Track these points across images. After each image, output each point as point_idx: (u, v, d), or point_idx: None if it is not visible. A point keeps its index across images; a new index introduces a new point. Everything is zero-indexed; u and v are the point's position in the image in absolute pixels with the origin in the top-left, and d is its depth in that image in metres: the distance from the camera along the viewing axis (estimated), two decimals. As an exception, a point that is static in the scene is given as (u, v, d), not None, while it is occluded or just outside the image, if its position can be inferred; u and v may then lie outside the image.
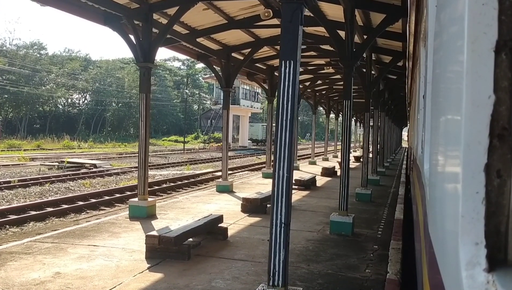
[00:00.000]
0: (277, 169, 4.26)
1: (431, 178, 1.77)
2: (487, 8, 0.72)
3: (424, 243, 1.93)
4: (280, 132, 4.27)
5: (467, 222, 0.76)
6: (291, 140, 4.25)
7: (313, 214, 10.45)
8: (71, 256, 6.42)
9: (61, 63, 69.74)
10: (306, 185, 14.69)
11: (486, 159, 0.73)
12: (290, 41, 4.22)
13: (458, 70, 0.83)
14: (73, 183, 16.41)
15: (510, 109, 0.72)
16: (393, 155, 36.12)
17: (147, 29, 9.42)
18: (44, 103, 67.30)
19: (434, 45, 1.72)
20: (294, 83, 4.23)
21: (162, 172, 21.82)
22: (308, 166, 24.92)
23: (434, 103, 1.67)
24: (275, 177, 4.28)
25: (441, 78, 1.29)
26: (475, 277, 0.73)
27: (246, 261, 6.47)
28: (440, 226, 1.17)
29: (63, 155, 29.44)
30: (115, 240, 7.39)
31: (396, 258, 6.83)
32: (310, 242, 7.75)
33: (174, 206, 10.91)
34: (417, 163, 3.89)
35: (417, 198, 3.35)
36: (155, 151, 39.45)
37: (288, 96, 4.24)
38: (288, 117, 4.26)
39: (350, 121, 8.64)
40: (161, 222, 8.94)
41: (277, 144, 4.27)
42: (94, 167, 21.27)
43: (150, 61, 9.39)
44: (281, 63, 4.24)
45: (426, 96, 2.52)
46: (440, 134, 1.24)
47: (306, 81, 21.90)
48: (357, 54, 8.67)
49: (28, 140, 45.59)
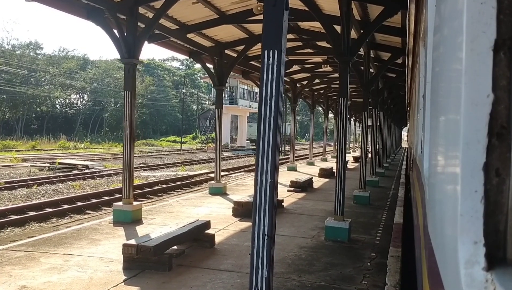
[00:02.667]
0: (259, 173, 3.75)
1: (431, 177, 1.78)
2: (486, 7, 0.72)
3: (424, 248, 1.89)
4: (263, 131, 3.75)
5: (466, 220, 0.76)
6: (276, 140, 3.74)
7: (308, 218, 9.93)
8: (42, 267, 5.91)
9: (57, 63, 69.15)
10: (303, 187, 14.18)
11: (485, 158, 0.73)
12: (274, 27, 3.70)
13: (457, 69, 0.82)
14: (62, 185, 15.88)
15: (508, 108, 0.72)
16: (393, 156, 35.65)
17: (132, 23, 8.91)
18: (42, 104, 66.76)
19: (433, 44, 1.72)
20: (279, 76, 3.72)
21: (156, 173, 21.30)
22: (306, 167, 24.42)
23: (433, 102, 1.67)
24: (257, 183, 3.77)
25: (440, 77, 1.30)
26: (474, 275, 0.73)
27: (233, 271, 5.95)
28: (439, 225, 1.17)
29: (57, 156, 28.91)
30: (93, 248, 6.88)
31: (395, 268, 6.32)
32: (303, 249, 7.24)
33: (163, 210, 10.39)
34: (417, 163, 3.88)
35: (417, 200, 3.31)
36: (152, 152, 38.94)
37: (272, 91, 3.73)
38: (272, 114, 3.74)
39: (347, 120, 8.13)
40: (146, 227, 8.43)
41: (259, 145, 3.76)
42: (86, 168, 20.74)
43: (135, 57, 8.88)
44: (264, 53, 3.72)
45: (426, 95, 2.51)
46: (439, 133, 1.25)
47: (303, 80, 21.39)
48: (353, 49, 8.16)
49: (24, 141, 45.06)
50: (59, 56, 74.22)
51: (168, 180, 17.14)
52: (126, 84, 8.92)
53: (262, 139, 3.80)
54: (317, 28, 11.76)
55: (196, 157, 33.74)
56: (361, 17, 9.96)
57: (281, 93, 3.82)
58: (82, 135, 61.39)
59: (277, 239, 7.87)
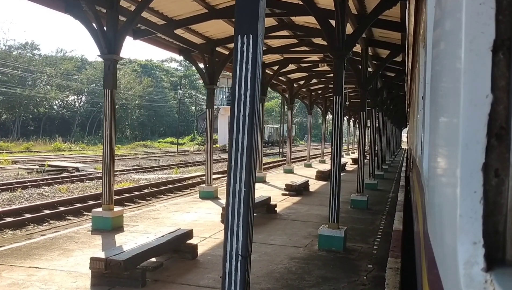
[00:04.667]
0: (231, 182, 3.16)
1: (430, 178, 1.78)
2: (485, 8, 0.72)
3: (424, 252, 1.85)
4: (236, 132, 3.17)
5: (465, 221, 0.76)
6: (251, 142, 3.15)
7: (302, 224, 9.33)
8: (2, 283, 5.31)
9: (54, 64, 68.55)
10: (298, 190, 13.58)
11: (484, 159, 0.74)
12: (249, 8, 3.12)
13: (456, 70, 0.83)
14: (48, 188, 15.25)
15: (507, 108, 0.73)
16: (392, 157, 35.05)
17: (113, 17, 8.33)
18: (39, 105, 66.13)
19: (433, 45, 1.72)
20: (255, 65, 3.13)
21: (148, 175, 20.69)
22: (303, 169, 23.83)
23: (433, 103, 1.69)
24: (229, 193, 3.18)
25: (439, 77, 1.30)
26: (473, 276, 0.73)
27: (214, 288, 5.35)
28: (439, 226, 1.17)
29: (50, 158, 28.28)
30: (63, 260, 6.28)
31: (393, 282, 5.72)
32: (294, 261, 6.64)
33: (148, 215, 9.79)
34: (417, 164, 3.89)
35: (417, 203, 3.25)
36: (147, 154, 38.32)
37: (247, 84, 3.14)
38: (247, 111, 3.16)
39: (342, 120, 7.54)
40: (126, 236, 7.83)
41: (231, 148, 3.17)
42: (77, 171, 20.12)
43: (116, 53, 8.29)
44: (237, 39, 3.13)
45: (426, 96, 2.49)
46: (439, 133, 1.26)
47: (300, 80, 20.82)
48: (349, 43, 7.58)
49: (19, 142, 44.40)
50: (57, 57, 73.57)
51: (159, 183, 16.51)
52: (106, 81, 8.32)
53: (235, 141, 3.21)
54: (313, 24, 11.19)
55: (192, 159, 33.12)
56: (358, 10, 9.38)
57: (257, 86, 3.22)
58: (79, 137, 60.72)
59: (266, 249, 7.29)
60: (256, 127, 3.22)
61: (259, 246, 7.33)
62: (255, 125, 3.21)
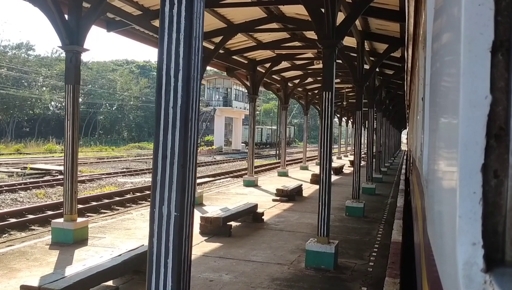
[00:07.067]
0: (157, 203, 2.22)
1: (430, 179, 1.79)
2: (483, 9, 0.72)
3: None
4: (164, 132, 2.24)
5: (464, 222, 0.75)
6: (186, 147, 2.21)
7: (290, 236, 8.39)
8: None
9: (50, 64, 67.64)
10: (290, 195, 12.65)
11: (483, 159, 0.73)
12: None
13: (455, 71, 0.83)
14: (24, 193, 14.29)
15: (507, 109, 0.72)
16: (392, 159, 34.11)
17: (75, 4, 7.40)
18: (34, 106, 65.20)
19: (432, 46, 1.75)
20: (189, 35, 2.19)
21: (135, 179, 19.73)
22: (298, 171, 22.91)
23: (432, 104, 1.70)
24: (154, 219, 2.24)
25: (438, 78, 1.32)
26: (472, 277, 0.73)
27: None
28: (438, 226, 1.18)
29: (37, 160, 27.33)
30: (3, 284, 5.34)
31: (392, 310, 4.81)
32: (275, 283, 5.69)
33: (120, 225, 8.85)
34: (417, 165, 3.85)
35: (417, 208, 3.15)
36: (140, 155, 37.38)
37: (178, 62, 2.21)
38: (178, 102, 2.22)
39: (332, 119, 6.61)
40: (88, 251, 6.89)
41: (156, 156, 2.24)
42: (60, 174, 19.16)
43: (79, 44, 7.37)
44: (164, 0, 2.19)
45: (425, 98, 2.46)
46: (438, 134, 1.27)
47: (295, 79, 19.88)
48: (340, 32, 6.64)
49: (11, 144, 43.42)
50: (52, 57, 72.64)
51: (143, 187, 15.55)
52: (68, 76, 7.38)
53: (162, 145, 2.27)
54: (304, 15, 10.27)
55: (185, 161, 32.16)
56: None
57: (196, 66, 2.27)
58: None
59: (246, 268, 6.31)
60: (194, 124, 2.28)
61: (238, 264, 6.39)
62: (193, 122, 2.27)
